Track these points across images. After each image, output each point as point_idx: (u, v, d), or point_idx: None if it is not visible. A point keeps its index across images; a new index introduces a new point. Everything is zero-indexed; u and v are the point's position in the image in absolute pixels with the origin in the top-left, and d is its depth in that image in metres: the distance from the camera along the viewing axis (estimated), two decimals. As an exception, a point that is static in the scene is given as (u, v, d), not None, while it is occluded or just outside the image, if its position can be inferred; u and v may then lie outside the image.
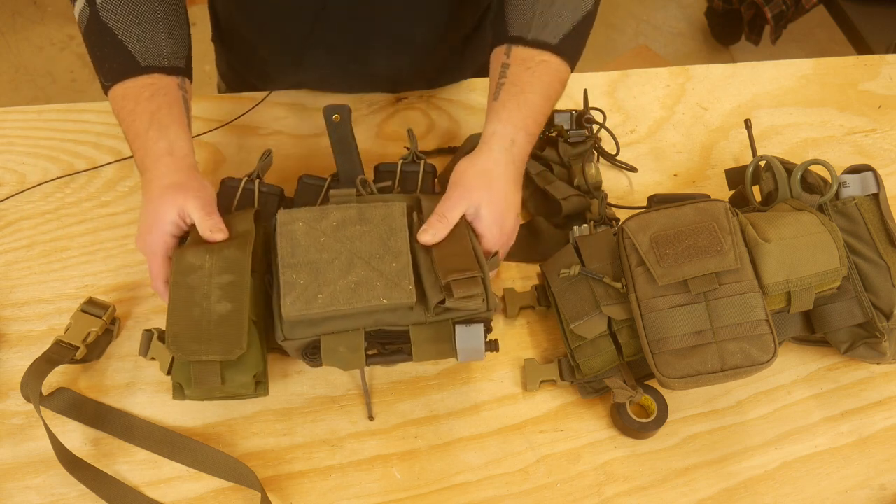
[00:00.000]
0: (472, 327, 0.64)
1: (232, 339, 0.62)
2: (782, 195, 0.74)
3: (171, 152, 0.67)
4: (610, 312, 0.68)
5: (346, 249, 0.64)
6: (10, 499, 0.64)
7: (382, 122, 0.89)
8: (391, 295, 0.62)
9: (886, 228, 0.71)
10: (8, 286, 0.75)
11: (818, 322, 0.71)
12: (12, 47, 2.17)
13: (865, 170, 0.73)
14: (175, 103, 0.69)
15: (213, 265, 0.64)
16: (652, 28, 2.41)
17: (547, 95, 0.73)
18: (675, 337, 0.64)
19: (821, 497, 0.68)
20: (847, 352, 0.71)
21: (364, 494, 0.66)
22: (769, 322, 0.64)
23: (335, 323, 0.63)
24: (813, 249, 0.67)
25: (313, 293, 0.62)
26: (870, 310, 0.69)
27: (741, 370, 0.63)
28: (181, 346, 0.62)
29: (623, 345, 0.68)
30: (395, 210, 0.67)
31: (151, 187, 0.67)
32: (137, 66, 0.68)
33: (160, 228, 0.66)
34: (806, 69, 0.98)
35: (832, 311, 0.70)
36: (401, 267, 0.64)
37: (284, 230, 0.65)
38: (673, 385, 0.65)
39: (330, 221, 0.65)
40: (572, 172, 0.82)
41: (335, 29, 0.85)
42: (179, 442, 0.66)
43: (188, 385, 0.63)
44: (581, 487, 0.67)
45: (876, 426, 0.72)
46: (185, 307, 0.63)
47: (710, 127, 0.92)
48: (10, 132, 0.86)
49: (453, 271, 0.63)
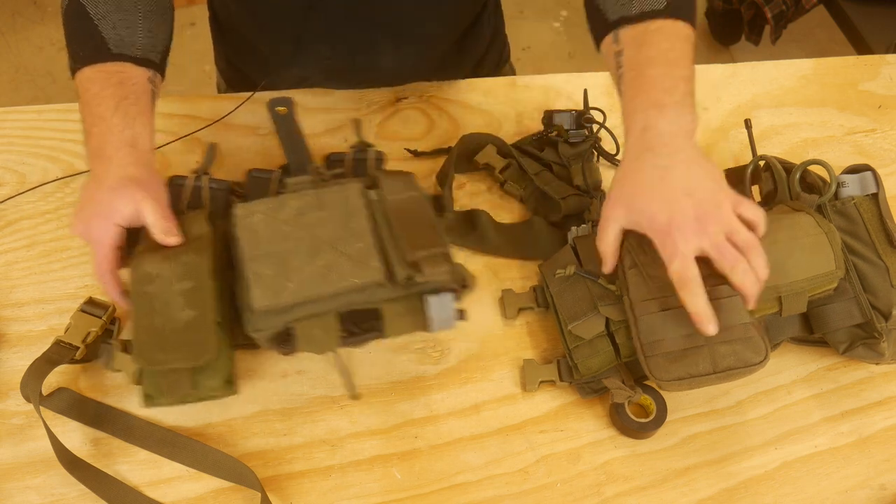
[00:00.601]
0: (443, 296, 0.64)
1: (199, 345, 0.62)
2: (781, 195, 0.74)
3: (134, 144, 0.66)
4: (607, 313, 0.68)
5: (309, 236, 0.64)
6: (10, 499, 0.64)
7: (382, 122, 0.89)
8: (360, 274, 0.63)
9: (885, 229, 0.71)
10: (8, 286, 0.75)
11: (816, 322, 0.71)
12: (12, 47, 2.17)
13: (865, 170, 0.73)
14: (143, 95, 0.68)
15: (172, 272, 0.64)
16: (652, 28, 2.40)
17: (670, 60, 0.65)
18: (667, 339, 0.64)
19: (821, 497, 0.68)
20: (846, 352, 0.71)
21: (364, 494, 0.66)
22: (754, 325, 0.64)
23: (305, 308, 0.63)
24: (808, 253, 0.67)
25: (282, 282, 0.62)
26: (868, 310, 0.69)
27: (733, 372, 0.63)
28: (147, 356, 0.62)
29: (621, 345, 0.68)
30: (351, 192, 0.67)
31: (108, 175, 0.65)
32: (108, 53, 0.67)
33: (110, 219, 0.65)
34: (806, 69, 0.98)
35: (830, 312, 0.70)
36: (365, 246, 0.64)
37: (244, 223, 0.65)
38: (667, 387, 0.65)
39: (289, 210, 0.66)
40: (572, 172, 0.82)
41: (337, 21, 0.85)
42: (179, 442, 0.66)
43: (160, 395, 0.63)
44: (581, 487, 0.67)
45: (876, 426, 0.72)
46: (147, 317, 0.63)
47: (710, 127, 0.92)
48: (10, 132, 0.86)
49: (420, 248, 0.63)
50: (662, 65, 0.64)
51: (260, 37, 0.91)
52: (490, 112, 0.91)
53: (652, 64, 0.65)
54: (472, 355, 0.73)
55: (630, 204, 0.64)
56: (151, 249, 0.66)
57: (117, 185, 0.64)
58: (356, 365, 0.72)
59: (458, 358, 0.73)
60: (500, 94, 0.93)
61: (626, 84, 0.66)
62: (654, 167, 0.63)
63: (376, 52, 0.88)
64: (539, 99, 0.92)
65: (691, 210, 0.61)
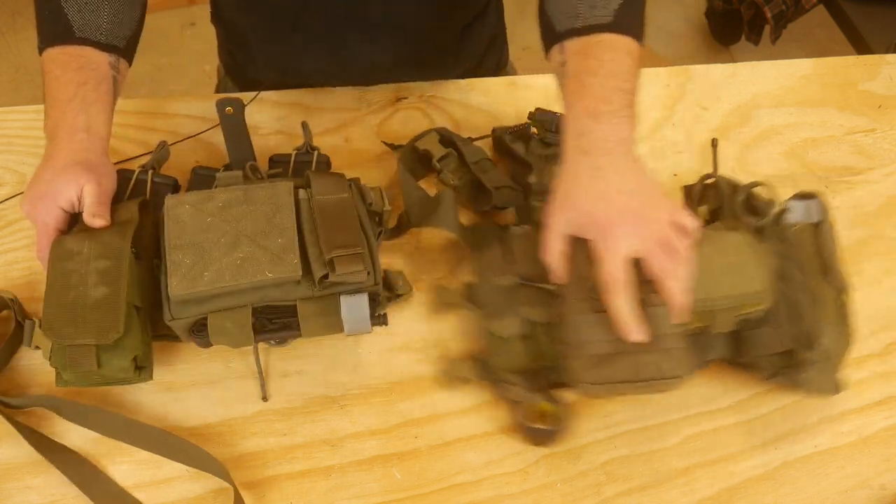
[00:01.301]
0: (356, 297, 0.65)
1: (107, 322, 0.62)
2: (725, 214, 0.73)
3: (87, 129, 0.67)
4: (532, 314, 0.68)
5: (232, 229, 0.65)
6: (10, 499, 0.64)
7: (382, 122, 0.89)
8: (276, 269, 0.63)
9: (822, 258, 0.70)
10: (8, 286, 0.75)
11: (743, 346, 0.69)
12: (12, 47, 2.17)
13: (812, 197, 0.72)
14: (103, 81, 0.69)
15: (91, 251, 0.64)
16: (652, 28, 2.40)
17: (610, 72, 0.65)
18: (594, 342, 0.63)
19: (821, 497, 0.68)
20: (769, 379, 0.70)
21: (364, 494, 0.66)
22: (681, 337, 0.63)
23: (222, 300, 0.64)
24: (734, 271, 0.66)
25: (199, 271, 0.63)
26: (792, 338, 0.67)
27: (653, 383, 0.62)
28: (56, 330, 0.62)
29: (545, 349, 0.68)
30: (280, 189, 0.68)
31: (58, 157, 0.66)
32: (72, 35, 0.68)
33: (54, 201, 0.65)
34: (806, 69, 0.98)
35: (756, 336, 0.68)
36: (286, 242, 0.65)
37: (172, 213, 0.66)
38: (587, 391, 0.64)
39: (216, 203, 0.66)
40: (534, 170, 0.79)
41: (316, 14, 0.85)
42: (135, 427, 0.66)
43: (64, 369, 0.63)
44: (581, 487, 0.67)
45: (876, 426, 0.72)
46: (60, 292, 0.63)
47: (709, 127, 0.92)
48: (10, 132, 0.86)
49: (337, 247, 0.64)
50: (601, 76, 0.65)
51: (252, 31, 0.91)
52: (490, 112, 0.91)
53: (591, 74, 0.65)
54: (472, 355, 0.73)
55: (570, 206, 0.64)
56: (80, 230, 0.67)
57: (64, 168, 0.65)
58: (356, 364, 0.72)
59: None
60: (500, 94, 0.93)
61: (567, 92, 0.67)
62: (590, 167, 0.63)
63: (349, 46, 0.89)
64: (539, 99, 0.92)
65: (628, 209, 0.62)
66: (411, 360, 0.73)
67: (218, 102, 0.76)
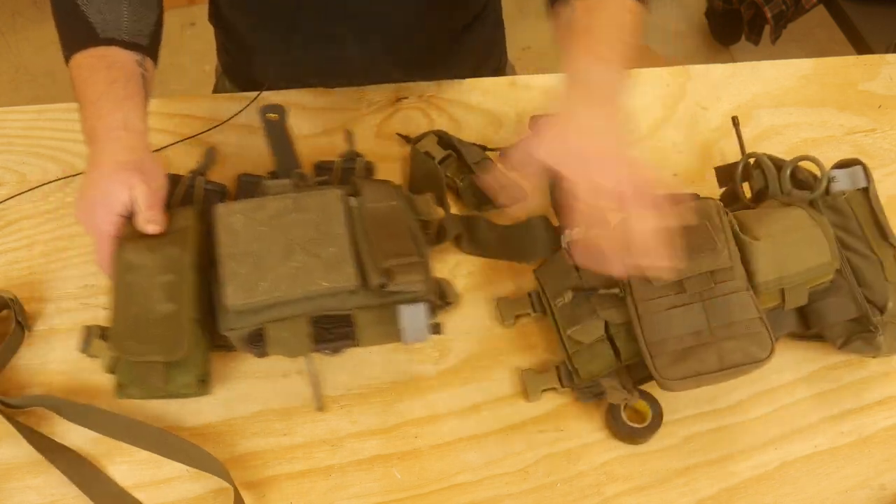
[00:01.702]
0: (415, 307, 0.64)
1: (172, 340, 0.62)
2: (772, 192, 0.74)
3: (125, 126, 0.66)
4: (606, 316, 0.68)
5: (284, 237, 0.65)
6: (10, 499, 0.64)
7: (382, 122, 0.89)
8: (331, 278, 0.63)
9: (877, 222, 0.71)
10: (8, 286, 0.75)
11: (813, 318, 0.71)
12: (12, 47, 2.17)
13: (855, 164, 0.73)
14: (132, 78, 0.68)
15: (154, 264, 0.64)
16: (652, 28, 2.40)
17: (614, 23, 0.67)
18: (673, 338, 0.64)
19: (821, 497, 0.68)
20: (843, 347, 0.71)
21: (364, 494, 0.66)
22: (763, 319, 0.64)
23: (278, 310, 0.63)
24: (803, 245, 0.67)
25: (255, 281, 0.63)
26: (863, 304, 0.69)
27: (740, 368, 0.63)
28: (123, 345, 0.62)
29: (621, 348, 0.68)
30: (330, 197, 0.67)
31: (103, 160, 0.65)
32: (96, 37, 0.68)
33: (110, 208, 0.65)
34: (806, 69, 0.98)
35: (826, 307, 0.70)
36: (339, 251, 0.64)
37: (223, 223, 0.65)
38: (673, 386, 0.65)
39: (267, 211, 0.66)
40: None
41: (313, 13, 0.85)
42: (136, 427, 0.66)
43: (131, 385, 0.63)
44: (581, 487, 0.67)
45: (876, 426, 0.72)
46: (125, 306, 0.63)
47: (710, 127, 0.92)
48: (10, 132, 0.86)
49: (392, 255, 0.64)
50: (608, 27, 0.67)
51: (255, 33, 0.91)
52: (490, 112, 0.91)
53: (599, 25, 0.67)
54: (472, 355, 0.73)
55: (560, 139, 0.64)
56: (136, 236, 0.66)
57: (112, 171, 0.64)
58: (356, 364, 0.72)
59: (458, 358, 0.73)
60: (500, 94, 0.93)
61: (573, 41, 0.67)
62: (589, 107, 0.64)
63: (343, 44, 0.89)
64: (539, 99, 0.92)
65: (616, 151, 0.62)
66: (411, 360, 0.73)
67: (261, 109, 0.76)
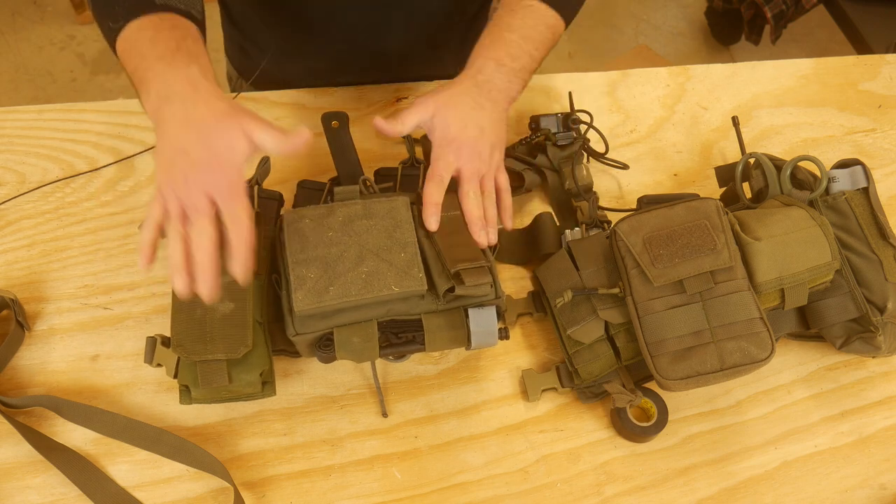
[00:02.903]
0: (485, 310, 0.65)
1: (236, 337, 0.63)
2: (772, 192, 0.74)
3: (207, 77, 0.60)
4: (606, 316, 0.68)
5: (355, 243, 0.65)
6: (10, 499, 0.64)
7: (382, 121, 0.89)
8: (402, 284, 0.63)
9: (877, 222, 0.71)
10: (7, 286, 0.75)
11: (813, 318, 0.71)
12: (12, 47, 2.17)
13: (855, 164, 0.73)
14: (198, 40, 0.64)
15: None
16: (652, 28, 2.41)
17: (527, 36, 0.73)
18: (673, 338, 0.65)
19: (821, 497, 0.68)
20: (842, 347, 0.71)
21: (364, 494, 0.66)
22: (764, 319, 0.64)
23: (347, 315, 0.64)
24: (804, 245, 0.67)
25: (324, 286, 0.63)
26: (863, 304, 0.69)
27: (740, 368, 0.63)
28: (186, 346, 0.62)
29: (621, 348, 0.68)
30: (399, 204, 0.68)
31: (195, 114, 0.56)
32: (152, 3, 0.64)
33: (232, 161, 0.55)
34: (806, 69, 0.99)
35: (826, 307, 0.70)
36: (409, 257, 0.65)
37: (292, 228, 0.66)
38: (673, 386, 0.65)
39: (336, 217, 0.67)
40: (563, 175, 0.81)
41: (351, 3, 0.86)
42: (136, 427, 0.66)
43: (195, 385, 0.63)
44: (581, 487, 0.67)
45: (876, 426, 0.72)
46: (187, 308, 0.63)
47: (710, 127, 0.92)
48: (10, 132, 0.86)
49: (461, 261, 0.64)
50: (520, 36, 0.73)
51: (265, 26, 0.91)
52: (490, 112, 0.90)
53: (511, 29, 0.73)
54: (472, 355, 0.73)
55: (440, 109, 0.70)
56: None
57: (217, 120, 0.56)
58: (356, 364, 0.72)
59: (458, 358, 0.73)
60: (500, 93, 0.92)
61: (487, 33, 0.74)
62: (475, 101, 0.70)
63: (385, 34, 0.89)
64: (539, 99, 0.92)
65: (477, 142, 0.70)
66: (411, 361, 0.73)
67: (323, 117, 0.77)
